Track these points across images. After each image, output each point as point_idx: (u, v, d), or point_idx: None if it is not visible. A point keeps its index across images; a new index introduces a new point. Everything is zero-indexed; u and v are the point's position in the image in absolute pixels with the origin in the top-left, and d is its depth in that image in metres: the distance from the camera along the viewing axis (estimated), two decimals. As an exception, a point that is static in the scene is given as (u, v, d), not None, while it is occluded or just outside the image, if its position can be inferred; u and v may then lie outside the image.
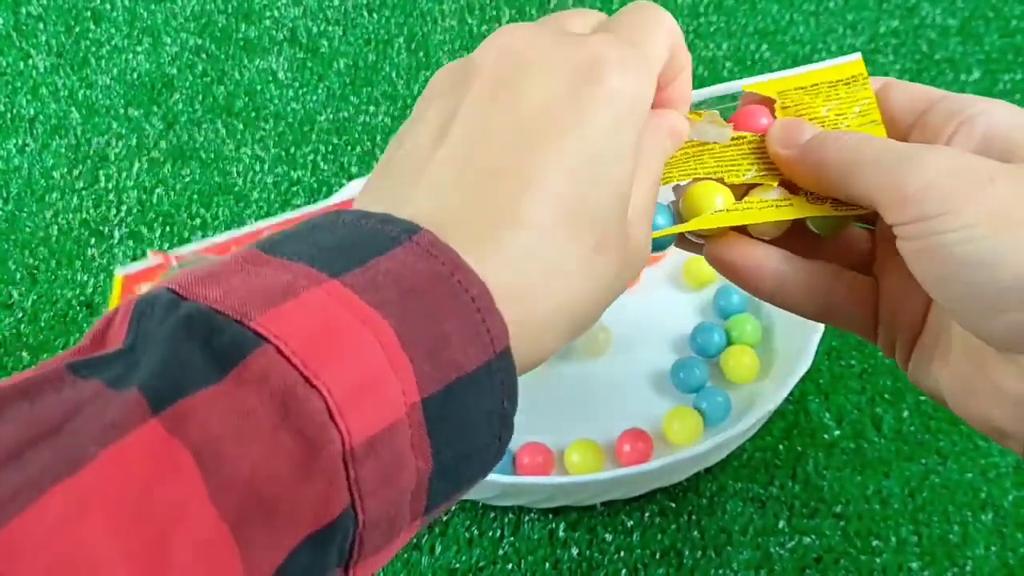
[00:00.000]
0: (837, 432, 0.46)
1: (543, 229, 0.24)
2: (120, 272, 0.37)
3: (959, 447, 0.45)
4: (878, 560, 0.42)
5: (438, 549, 0.43)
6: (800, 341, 0.45)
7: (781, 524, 0.43)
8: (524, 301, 0.23)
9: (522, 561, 0.42)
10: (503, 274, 0.23)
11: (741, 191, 0.31)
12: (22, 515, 0.16)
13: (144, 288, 0.36)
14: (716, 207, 0.31)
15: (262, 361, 0.19)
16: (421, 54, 0.66)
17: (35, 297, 0.53)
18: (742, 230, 0.32)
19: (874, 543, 0.43)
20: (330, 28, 0.67)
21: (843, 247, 0.33)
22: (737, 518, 0.43)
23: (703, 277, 0.51)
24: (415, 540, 0.43)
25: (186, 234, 0.57)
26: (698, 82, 0.36)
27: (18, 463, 0.17)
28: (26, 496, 0.17)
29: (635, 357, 0.49)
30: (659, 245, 0.32)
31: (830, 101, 0.32)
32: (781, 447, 0.46)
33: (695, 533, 0.43)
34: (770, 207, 0.30)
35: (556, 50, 0.26)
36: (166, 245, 0.57)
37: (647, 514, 0.44)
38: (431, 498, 0.22)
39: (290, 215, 0.37)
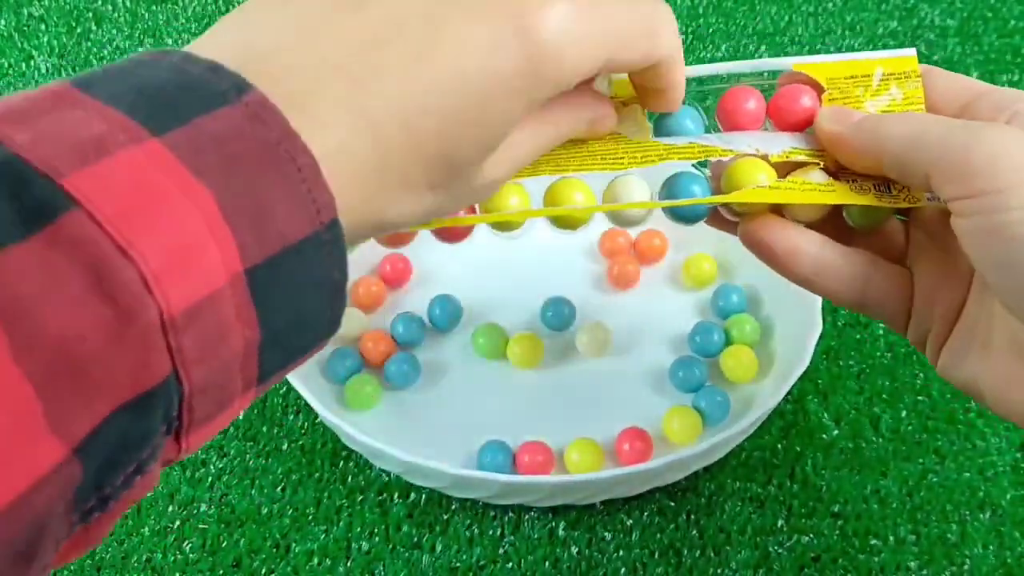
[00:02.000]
0: (835, 432, 0.46)
1: (379, 128, 0.23)
2: None
3: (957, 447, 0.46)
4: (876, 559, 0.42)
5: (439, 548, 0.43)
6: (798, 341, 0.45)
7: (779, 523, 0.43)
8: (349, 174, 0.23)
9: (522, 560, 0.43)
10: (330, 145, 0.23)
11: (783, 171, 0.31)
12: None
13: None
14: (759, 183, 0.30)
15: (74, 226, 0.18)
16: (421, 55, 0.66)
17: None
18: (778, 212, 0.31)
19: (872, 542, 0.43)
20: (331, 29, 0.67)
21: (877, 237, 0.32)
22: (736, 517, 0.44)
23: (702, 277, 0.52)
24: (416, 539, 0.43)
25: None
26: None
27: None
28: None
29: (635, 356, 0.49)
30: (693, 216, 0.32)
31: (878, 96, 0.31)
32: (779, 447, 0.46)
33: (694, 532, 0.43)
34: (813, 190, 0.30)
35: None
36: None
37: (646, 513, 0.44)
38: (263, 367, 0.22)
39: None
